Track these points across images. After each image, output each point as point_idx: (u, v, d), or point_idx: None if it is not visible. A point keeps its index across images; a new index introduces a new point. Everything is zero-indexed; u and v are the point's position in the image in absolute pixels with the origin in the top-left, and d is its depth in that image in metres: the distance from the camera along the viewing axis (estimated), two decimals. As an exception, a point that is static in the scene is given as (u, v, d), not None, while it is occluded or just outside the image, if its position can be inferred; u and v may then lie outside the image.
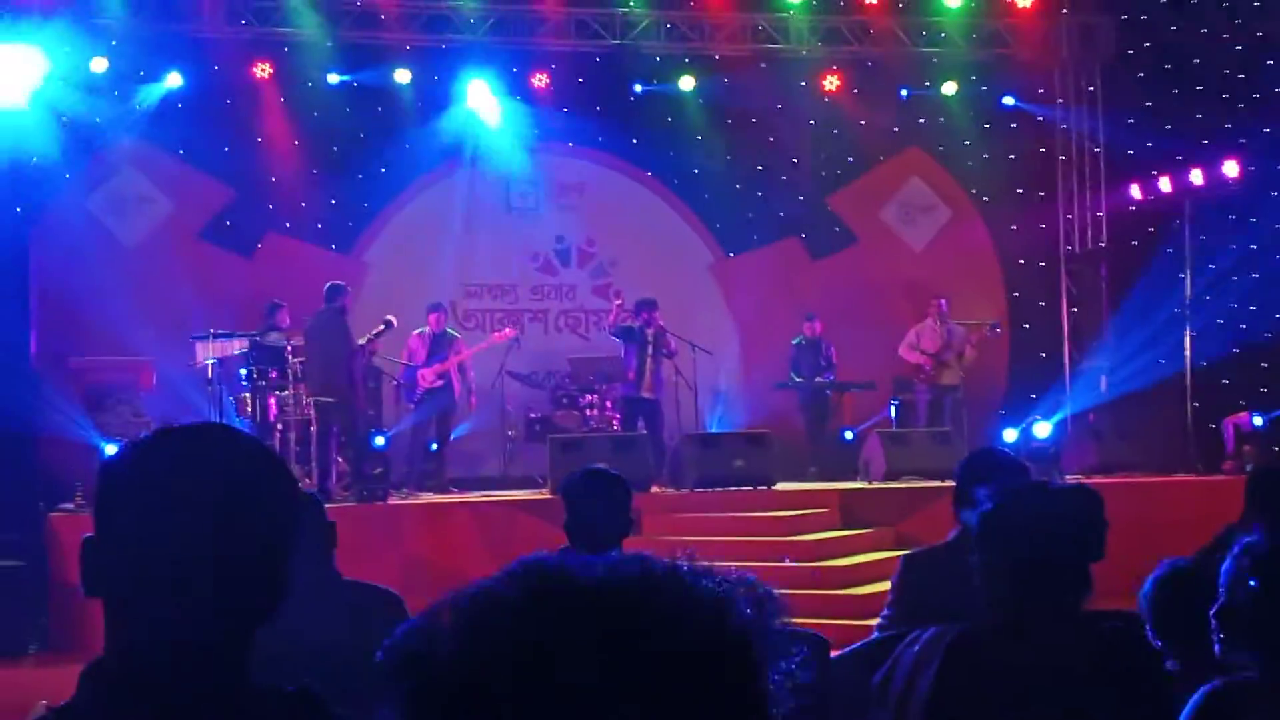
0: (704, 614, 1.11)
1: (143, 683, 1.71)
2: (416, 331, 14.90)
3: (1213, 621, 3.11)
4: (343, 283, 13.92)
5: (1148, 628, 3.62)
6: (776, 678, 1.13)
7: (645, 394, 15.11)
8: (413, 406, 14.81)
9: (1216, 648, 3.18)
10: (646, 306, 15.20)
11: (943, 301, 16.38)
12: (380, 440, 14.02)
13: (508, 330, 16.11)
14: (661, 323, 15.16)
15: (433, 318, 14.98)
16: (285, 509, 1.81)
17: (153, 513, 1.72)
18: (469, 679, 1.07)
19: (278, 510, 1.80)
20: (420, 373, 14.71)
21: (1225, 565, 3.14)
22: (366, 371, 14.61)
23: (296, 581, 1.83)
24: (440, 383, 14.83)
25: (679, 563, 1.16)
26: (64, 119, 15.38)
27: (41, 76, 13.46)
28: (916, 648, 3.18)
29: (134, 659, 1.73)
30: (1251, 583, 3.01)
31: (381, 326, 14.07)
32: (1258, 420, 15.46)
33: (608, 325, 15.68)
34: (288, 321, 14.32)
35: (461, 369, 14.98)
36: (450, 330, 15.20)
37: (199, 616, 1.73)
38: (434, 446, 14.83)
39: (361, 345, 13.81)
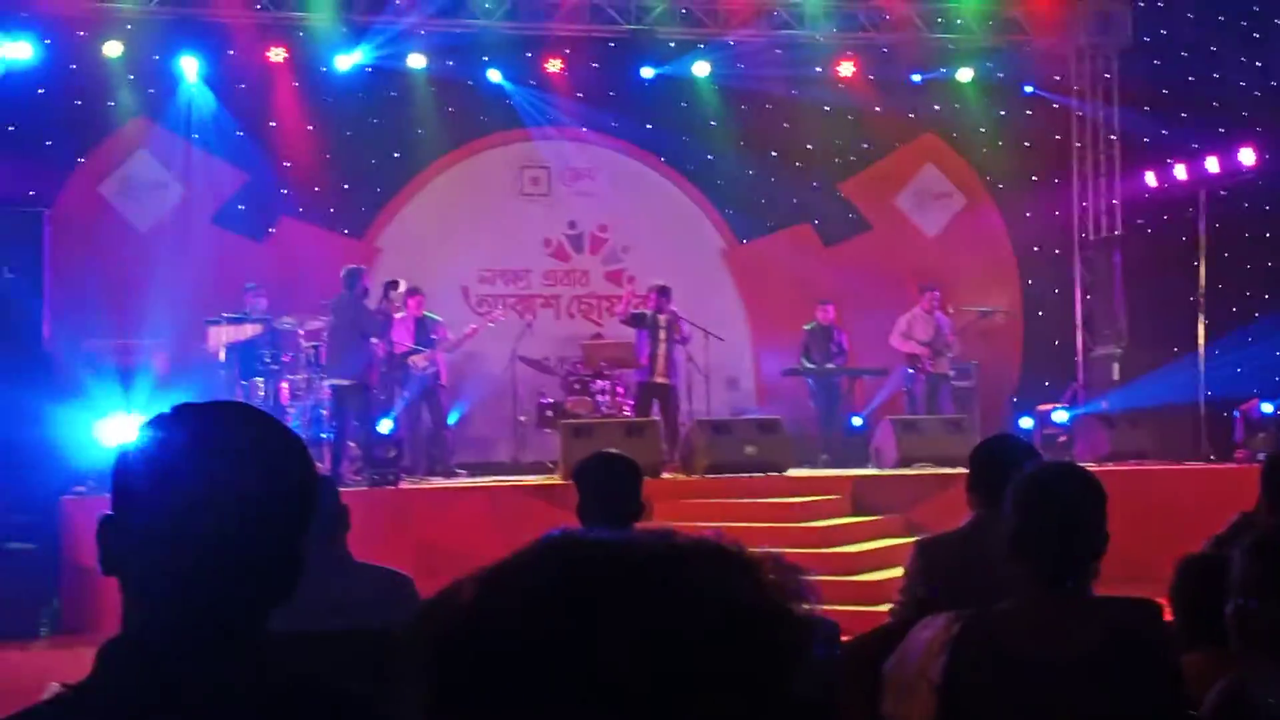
0: (734, 584, 1.10)
1: (159, 661, 1.71)
2: (397, 316, 14.86)
3: (1229, 617, 3.10)
4: (361, 266, 13.89)
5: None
6: (803, 651, 1.12)
7: (659, 379, 15.13)
8: (406, 394, 14.76)
9: (1231, 643, 3.17)
10: (660, 292, 15.22)
11: (935, 294, 16.29)
12: (388, 425, 13.92)
13: (496, 315, 16.18)
14: (674, 308, 15.17)
15: (413, 301, 14.93)
16: (303, 487, 1.81)
17: (168, 489, 1.72)
18: (494, 651, 1.07)
19: (295, 488, 1.79)
20: (412, 360, 14.68)
21: (1237, 562, 3.12)
22: (384, 357, 14.58)
23: (311, 563, 1.83)
24: (432, 368, 14.82)
25: (705, 537, 1.16)
26: (77, 103, 15.44)
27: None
28: (929, 632, 3.19)
29: (150, 637, 1.73)
30: (1257, 576, 3.01)
31: (392, 289, 13.92)
32: (1267, 407, 15.43)
33: (618, 313, 15.66)
34: (264, 305, 14.32)
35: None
36: (430, 314, 15.16)
37: (216, 595, 1.73)
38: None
39: (381, 312, 13.69)
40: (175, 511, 1.71)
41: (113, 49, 15.39)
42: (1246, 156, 15.94)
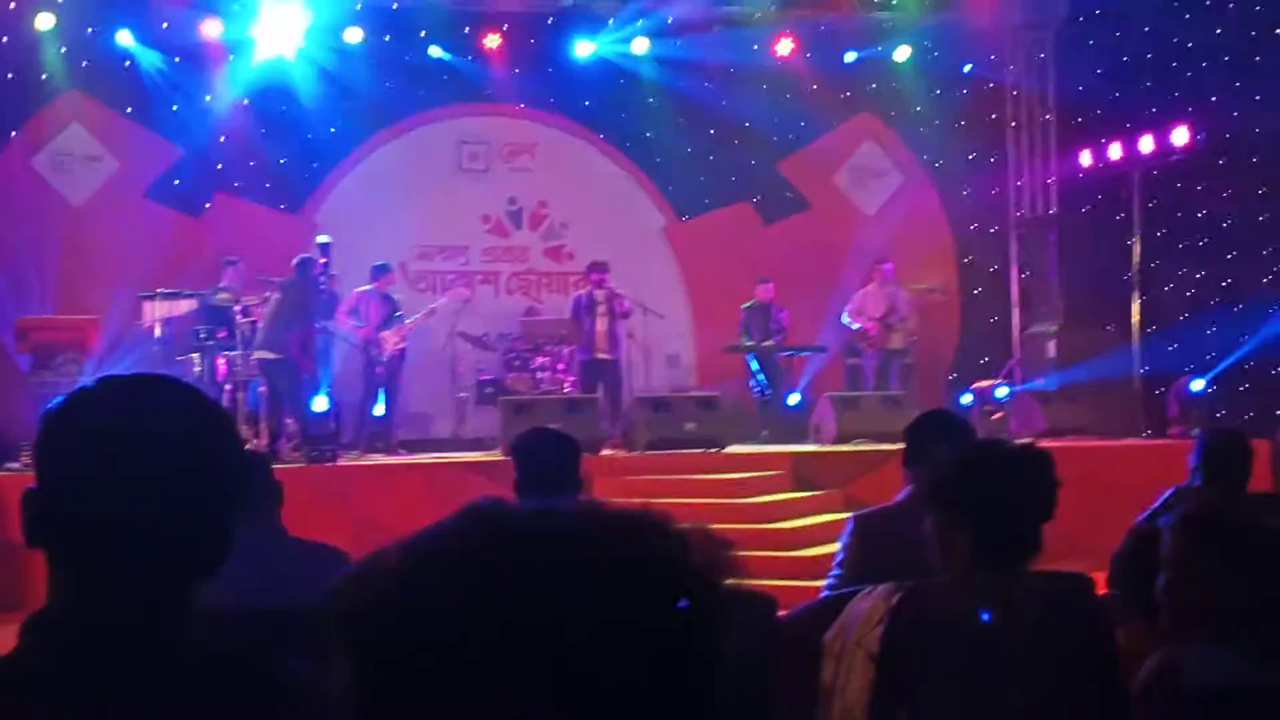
0: (658, 555, 1.10)
1: (83, 634, 1.69)
2: (362, 289, 14.75)
3: (1160, 592, 3.12)
4: (315, 257, 13.65)
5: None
6: (727, 622, 1.11)
7: (601, 355, 15.14)
8: (377, 371, 14.62)
9: (1162, 619, 3.20)
10: (596, 268, 15.24)
11: (888, 266, 16.41)
12: (324, 403, 13.71)
13: (460, 290, 16.05)
14: (611, 285, 15.17)
15: (385, 279, 14.89)
16: (228, 459, 1.79)
17: (93, 461, 1.70)
18: (417, 621, 1.06)
19: (220, 460, 1.78)
20: (382, 335, 14.59)
21: (1165, 538, 3.15)
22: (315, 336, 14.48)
23: (243, 538, 1.81)
24: (404, 345, 14.78)
25: (632, 508, 1.15)
26: (9, 76, 15.22)
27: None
28: (867, 603, 3.20)
29: (74, 610, 1.71)
30: (1186, 552, 3.03)
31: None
32: (1197, 385, 15.61)
33: (568, 313, 15.62)
34: (238, 280, 14.19)
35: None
36: (393, 293, 15.10)
37: (140, 567, 1.71)
38: (382, 409, 14.69)
39: (328, 294, 13.54)
40: (97, 484, 1.69)
41: (45, 21, 15.16)
42: (1180, 136, 16.07)
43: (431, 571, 1.08)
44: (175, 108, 15.93)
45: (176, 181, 16.03)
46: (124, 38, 15.59)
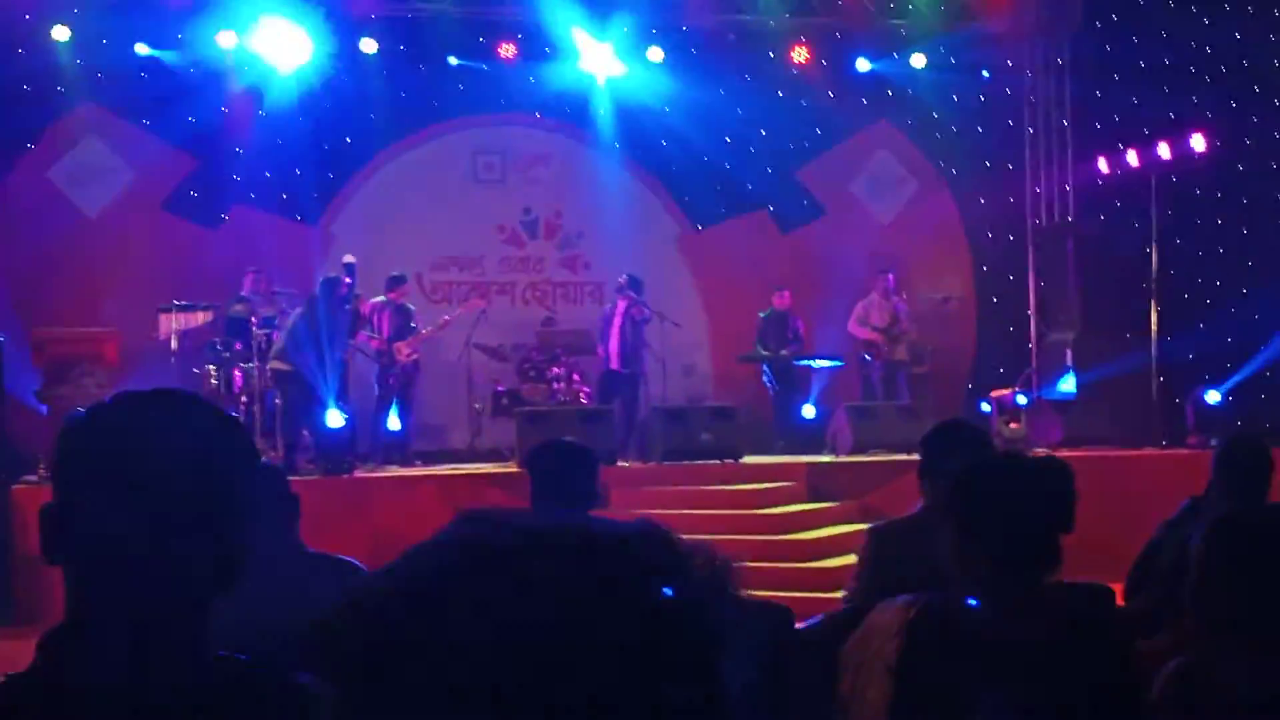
0: (654, 573, 1.08)
1: (100, 650, 1.69)
2: (377, 300, 14.75)
3: (1188, 599, 3.10)
4: (337, 276, 13.66)
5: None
6: (733, 645, 1.10)
7: (618, 367, 15.17)
8: (391, 382, 14.65)
9: (1187, 627, 3.18)
10: (627, 283, 15.29)
11: (890, 276, 16.39)
12: (339, 417, 13.63)
13: (476, 302, 16.06)
14: (632, 294, 15.19)
15: (399, 290, 14.90)
16: (244, 475, 1.80)
17: (111, 478, 1.71)
18: (412, 634, 1.05)
19: (237, 476, 1.78)
20: (396, 346, 14.59)
21: (1194, 543, 3.13)
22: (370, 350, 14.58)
23: (259, 552, 1.81)
24: (416, 356, 14.80)
25: (636, 523, 1.13)
26: (25, 88, 15.27)
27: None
28: (886, 615, 3.18)
29: (92, 626, 1.71)
30: (1217, 559, 3.01)
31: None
32: (1213, 396, 15.54)
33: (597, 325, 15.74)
34: (249, 288, 14.23)
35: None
36: (408, 304, 15.12)
37: (157, 582, 1.71)
38: (396, 421, 14.68)
39: (351, 313, 13.58)
40: (114, 500, 1.70)
41: (61, 33, 15.22)
42: (1198, 142, 16.02)
43: (414, 588, 1.07)
44: (192, 119, 15.93)
45: (193, 193, 16.06)
46: (140, 49, 15.63)
